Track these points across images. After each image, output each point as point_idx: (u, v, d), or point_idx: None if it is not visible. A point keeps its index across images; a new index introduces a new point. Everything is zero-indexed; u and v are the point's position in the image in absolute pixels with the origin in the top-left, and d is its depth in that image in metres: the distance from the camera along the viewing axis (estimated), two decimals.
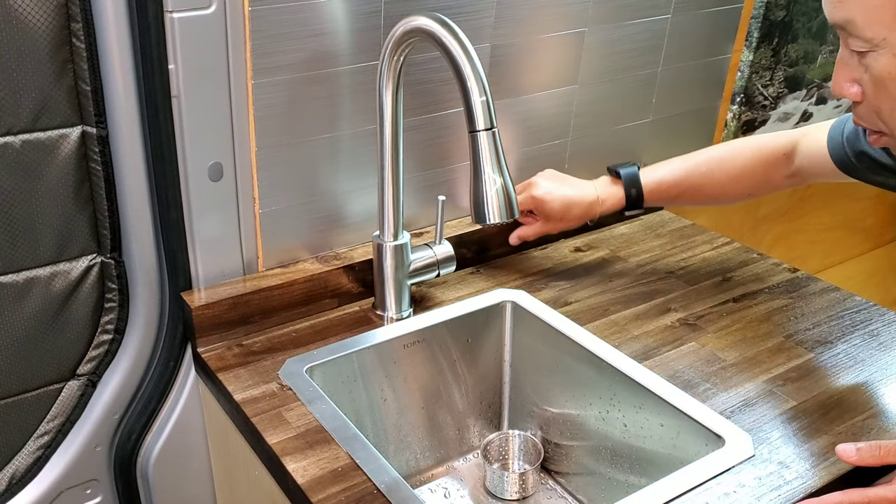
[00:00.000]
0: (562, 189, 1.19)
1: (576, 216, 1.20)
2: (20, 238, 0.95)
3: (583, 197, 1.19)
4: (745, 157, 1.17)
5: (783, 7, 1.50)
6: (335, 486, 0.85)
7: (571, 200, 1.19)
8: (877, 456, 0.85)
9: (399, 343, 1.09)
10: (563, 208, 1.19)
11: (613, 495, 1.05)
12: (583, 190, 1.20)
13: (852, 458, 0.86)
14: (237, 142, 1.02)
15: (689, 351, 1.07)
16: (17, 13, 0.86)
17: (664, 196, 1.20)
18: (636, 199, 1.19)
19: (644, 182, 1.19)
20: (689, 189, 1.19)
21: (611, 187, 1.20)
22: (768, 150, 1.16)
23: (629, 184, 1.19)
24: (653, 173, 1.20)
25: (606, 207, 1.20)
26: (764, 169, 1.16)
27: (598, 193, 1.19)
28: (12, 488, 1.03)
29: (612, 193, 1.19)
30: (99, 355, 1.05)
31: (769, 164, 1.16)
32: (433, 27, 0.89)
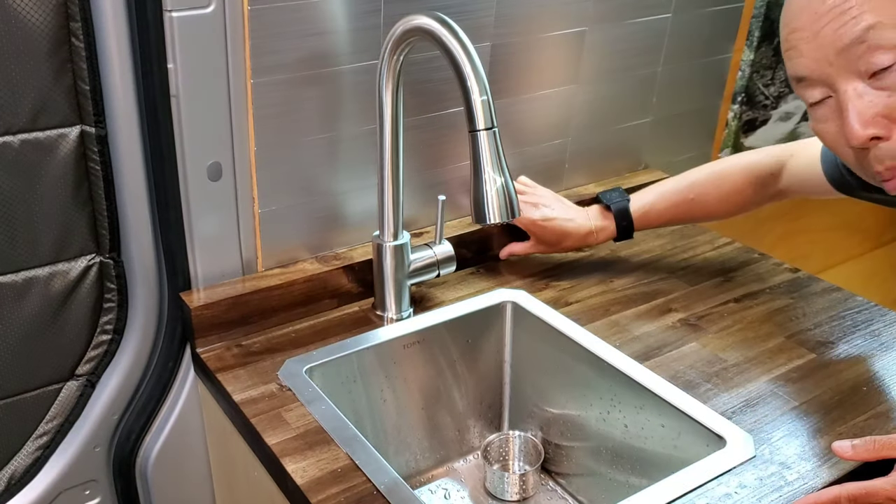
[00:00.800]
0: (559, 220, 1.21)
1: (569, 245, 1.23)
2: (19, 238, 0.95)
3: (578, 228, 1.21)
4: (734, 179, 1.19)
5: None
6: (335, 487, 0.84)
7: (567, 231, 1.21)
8: (872, 450, 0.86)
9: (399, 343, 1.08)
10: (558, 237, 1.21)
11: (614, 496, 1.05)
12: (579, 223, 1.21)
13: (848, 454, 0.87)
14: (236, 141, 1.01)
15: (690, 351, 1.07)
16: (16, 13, 0.86)
17: (653, 222, 1.22)
18: (626, 230, 1.21)
19: (634, 212, 1.21)
20: (676, 215, 1.22)
21: (603, 221, 1.21)
22: (756, 170, 1.18)
23: (620, 217, 1.21)
24: (641, 201, 1.21)
25: (600, 239, 1.22)
26: (752, 189, 1.18)
27: (593, 225, 1.21)
28: (11, 489, 1.03)
29: (605, 226, 1.21)
30: (98, 355, 1.05)
31: (757, 184, 1.18)
32: (433, 26, 0.89)
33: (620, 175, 1.43)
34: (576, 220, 1.21)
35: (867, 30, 0.73)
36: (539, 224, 1.21)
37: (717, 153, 1.58)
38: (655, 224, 1.23)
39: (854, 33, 0.74)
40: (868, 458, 0.86)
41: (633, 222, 1.21)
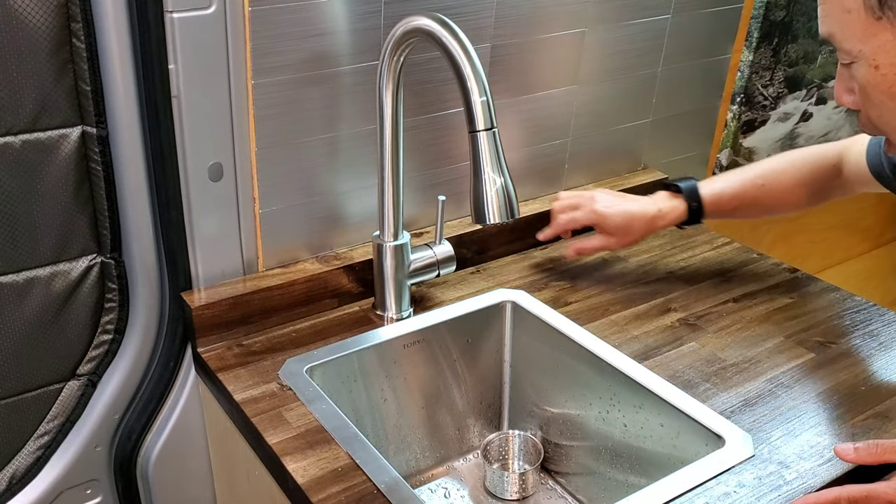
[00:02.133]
0: (623, 204, 1.18)
1: (638, 230, 1.18)
2: (20, 238, 0.95)
3: (644, 211, 1.17)
4: (798, 169, 1.18)
5: (783, 7, 1.50)
6: (335, 486, 0.85)
7: (633, 215, 1.17)
8: (874, 454, 0.86)
9: (399, 343, 1.09)
10: (625, 223, 1.17)
11: (613, 495, 1.05)
12: (643, 204, 1.18)
13: (850, 456, 0.87)
14: (237, 142, 1.02)
15: (689, 351, 1.07)
16: (17, 13, 0.86)
17: (723, 208, 1.19)
18: (696, 212, 1.18)
19: (703, 195, 1.18)
20: (745, 201, 1.19)
21: (671, 201, 1.18)
22: (819, 160, 1.17)
23: (690, 197, 1.17)
24: (710, 186, 1.19)
25: (668, 221, 1.18)
26: (816, 179, 1.17)
27: (660, 207, 1.18)
28: (12, 488, 1.03)
29: (674, 207, 1.18)
30: (99, 355, 1.05)
31: (821, 174, 1.16)
32: (433, 27, 0.89)
33: (620, 175, 1.43)
34: (640, 202, 1.18)
35: (829, 35, 0.83)
36: (601, 213, 1.17)
37: (716, 154, 1.59)
38: (727, 210, 1.19)
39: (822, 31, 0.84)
40: (871, 461, 0.86)
41: (704, 205, 1.18)
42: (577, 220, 1.20)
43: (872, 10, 0.77)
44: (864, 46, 0.79)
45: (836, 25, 0.81)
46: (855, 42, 0.80)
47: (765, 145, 1.65)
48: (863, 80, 0.82)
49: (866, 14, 0.78)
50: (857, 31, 0.79)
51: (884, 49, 0.79)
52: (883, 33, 0.78)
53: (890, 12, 0.76)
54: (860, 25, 0.79)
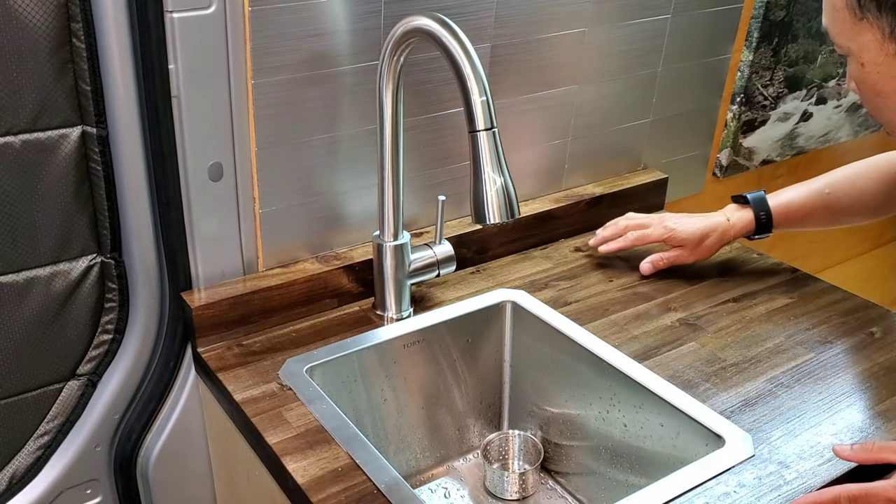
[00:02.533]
0: (692, 219, 1.22)
1: (711, 244, 1.21)
2: (20, 238, 0.95)
3: (715, 224, 1.21)
4: (865, 178, 1.17)
5: (783, 7, 1.50)
6: (335, 486, 0.85)
7: (705, 229, 1.20)
8: (870, 450, 0.87)
9: (399, 343, 1.09)
10: (698, 237, 1.20)
11: (613, 495, 1.05)
12: (713, 218, 1.22)
13: (846, 454, 0.88)
14: (237, 142, 1.02)
15: (689, 351, 1.07)
16: (17, 13, 0.86)
17: (791, 218, 1.20)
18: (765, 223, 1.20)
19: (772, 206, 1.20)
20: (814, 211, 1.20)
21: (739, 212, 1.21)
22: (886, 168, 1.16)
23: (758, 208, 1.19)
24: (779, 197, 1.21)
25: (737, 231, 1.21)
26: (885, 188, 1.16)
27: (728, 217, 1.21)
28: (12, 488, 1.03)
29: (742, 217, 1.20)
30: (99, 355, 1.05)
31: (890, 182, 1.16)
32: (433, 27, 0.89)
33: (620, 175, 1.43)
34: (709, 216, 1.22)
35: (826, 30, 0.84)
36: (671, 227, 1.21)
37: (716, 154, 1.59)
38: (796, 219, 1.20)
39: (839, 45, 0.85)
40: (867, 459, 0.87)
41: (772, 215, 1.19)
42: (648, 236, 1.23)
43: (854, 10, 0.79)
44: (851, 44, 0.81)
45: (829, 21, 0.83)
46: (844, 39, 0.82)
47: (765, 145, 1.65)
48: (854, 75, 0.84)
49: (849, 14, 0.79)
50: (845, 29, 0.81)
51: (867, 48, 0.80)
52: (865, 33, 0.79)
53: (869, 14, 0.78)
54: (846, 24, 0.80)
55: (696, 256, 1.22)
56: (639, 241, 1.23)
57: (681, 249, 1.22)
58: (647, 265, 1.23)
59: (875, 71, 0.81)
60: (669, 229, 1.21)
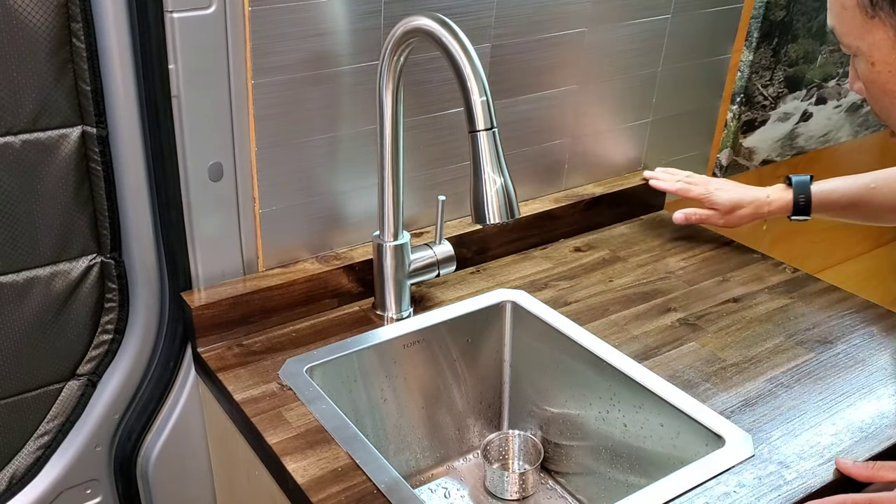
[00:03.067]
0: (736, 188, 1.27)
1: (744, 214, 1.26)
2: (20, 238, 0.95)
3: (753, 197, 1.25)
4: None
5: (783, 7, 1.50)
6: (335, 486, 0.85)
7: (742, 197, 1.26)
8: (871, 468, 0.87)
9: (399, 343, 1.09)
10: (732, 203, 1.26)
11: (613, 495, 1.05)
12: (753, 192, 1.26)
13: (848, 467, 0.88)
14: (237, 142, 1.02)
15: (689, 351, 1.07)
16: (17, 13, 0.86)
17: (831, 206, 1.23)
18: (804, 207, 1.22)
19: (814, 191, 1.22)
20: (856, 203, 1.21)
21: (781, 192, 1.25)
22: None
23: (799, 190, 1.23)
24: (822, 185, 1.23)
25: (773, 208, 1.25)
26: None
27: (768, 194, 1.25)
28: (12, 488, 1.03)
29: (781, 196, 1.24)
30: (99, 355, 1.05)
31: None
32: (433, 27, 0.89)
33: (620, 175, 1.43)
34: (751, 188, 1.26)
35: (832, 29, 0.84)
36: (712, 189, 1.27)
37: (716, 154, 1.59)
38: (836, 208, 1.22)
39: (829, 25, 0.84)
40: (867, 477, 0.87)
41: (812, 200, 1.21)
42: (690, 191, 1.30)
43: (865, 9, 0.78)
44: (860, 43, 0.80)
45: (836, 20, 0.82)
46: (853, 38, 0.81)
47: (765, 145, 1.65)
48: (862, 75, 0.83)
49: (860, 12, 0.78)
50: (854, 28, 0.80)
51: (878, 47, 0.79)
52: (877, 32, 0.78)
53: (881, 12, 0.77)
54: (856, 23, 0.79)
55: (725, 222, 1.28)
56: (681, 192, 1.31)
57: (713, 211, 1.27)
58: (681, 215, 1.30)
59: (886, 70, 0.80)
60: (707, 192, 1.27)
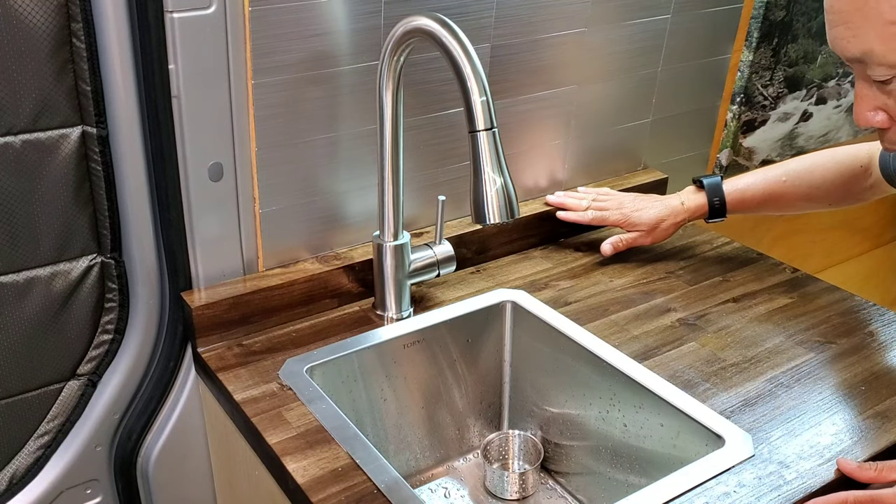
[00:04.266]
0: (649, 203, 1.25)
1: (667, 227, 1.25)
2: (20, 238, 0.95)
3: (670, 208, 1.24)
4: (824, 168, 1.19)
5: (783, 7, 1.50)
6: (335, 486, 0.85)
7: (660, 214, 1.24)
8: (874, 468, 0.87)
9: (399, 343, 1.09)
10: (653, 222, 1.24)
11: (613, 495, 1.05)
12: (668, 201, 1.25)
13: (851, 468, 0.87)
14: (237, 142, 1.02)
15: (689, 351, 1.07)
16: (17, 13, 0.86)
17: (746, 205, 1.23)
18: (719, 208, 1.22)
19: (727, 191, 1.22)
20: (769, 198, 1.22)
21: (694, 195, 1.24)
22: (846, 160, 1.18)
23: (712, 193, 1.22)
24: (735, 183, 1.23)
25: (690, 214, 1.24)
26: (843, 179, 1.18)
27: (682, 200, 1.24)
28: (12, 488, 1.03)
29: (696, 200, 1.23)
30: (99, 355, 1.05)
31: (847, 174, 1.17)
32: (433, 27, 0.89)
33: (620, 175, 1.43)
34: (664, 200, 1.25)
35: (864, 53, 0.77)
36: (628, 214, 1.25)
37: (716, 154, 1.59)
38: (751, 205, 1.23)
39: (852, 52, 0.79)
40: (870, 478, 0.86)
41: (727, 201, 1.22)
42: (606, 219, 1.27)
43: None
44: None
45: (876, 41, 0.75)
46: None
47: (765, 145, 1.65)
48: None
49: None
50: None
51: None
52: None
53: None
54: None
55: (653, 239, 1.26)
56: (596, 221, 1.28)
57: (637, 233, 1.25)
58: (608, 247, 1.26)
59: None
60: (625, 216, 1.25)
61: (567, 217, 1.29)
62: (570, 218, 1.29)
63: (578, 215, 1.28)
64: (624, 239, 1.26)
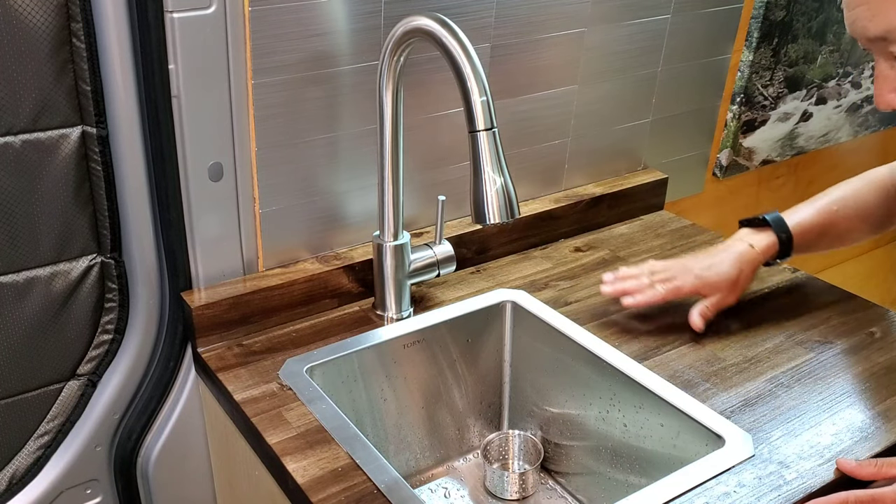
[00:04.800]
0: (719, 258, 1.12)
1: (746, 277, 1.12)
2: (20, 238, 0.95)
3: (742, 255, 1.11)
4: (868, 192, 1.14)
5: (783, 7, 1.50)
6: (335, 486, 0.85)
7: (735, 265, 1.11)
8: (874, 465, 0.87)
9: (399, 343, 1.09)
10: (733, 277, 1.10)
11: (613, 495, 1.05)
12: (736, 249, 1.12)
13: (850, 467, 0.87)
14: (237, 142, 1.02)
15: (689, 351, 1.07)
16: (17, 13, 0.86)
17: (807, 237, 1.13)
18: (787, 244, 1.12)
19: (790, 225, 1.12)
20: (826, 229, 1.14)
21: (759, 235, 1.12)
22: (880, 181, 1.13)
23: (778, 228, 1.12)
24: (790, 217, 1.13)
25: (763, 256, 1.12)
26: (886, 202, 1.13)
27: (750, 243, 1.12)
28: (12, 488, 1.03)
29: (763, 239, 1.12)
30: (99, 355, 1.05)
31: (890, 196, 1.13)
32: (433, 27, 0.89)
33: (620, 175, 1.43)
34: (730, 249, 1.12)
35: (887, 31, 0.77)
36: (701, 275, 1.11)
37: (716, 154, 1.59)
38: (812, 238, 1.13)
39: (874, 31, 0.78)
40: (870, 475, 0.86)
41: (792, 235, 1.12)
42: (681, 289, 1.11)
43: None
44: None
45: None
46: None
47: (765, 145, 1.65)
48: None
49: None
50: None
51: None
52: None
53: None
54: None
55: (736, 295, 1.12)
56: (670, 295, 1.11)
57: (720, 293, 1.11)
58: (699, 320, 1.10)
59: None
60: (700, 278, 1.10)
61: (637, 302, 1.12)
62: (640, 302, 1.11)
63: (649, 296, 1.11)
64: (709, 305, 1.11)
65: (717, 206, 1.65)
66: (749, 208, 1.73)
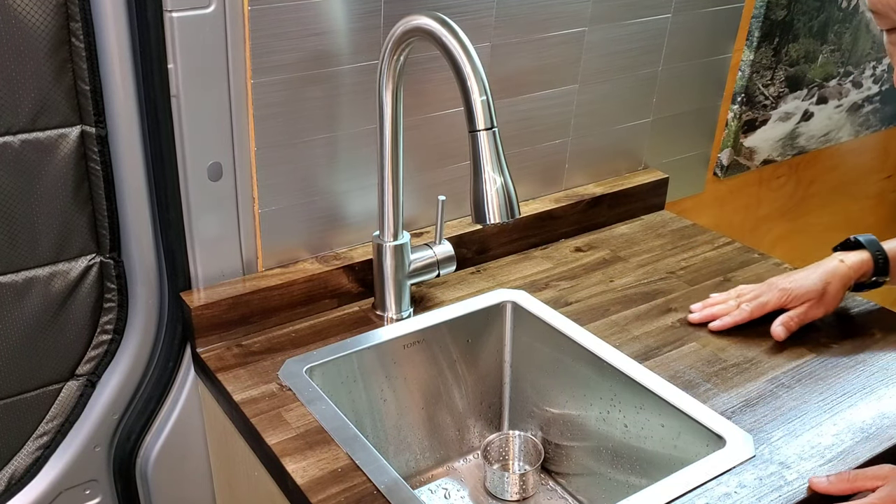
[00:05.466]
0: (806, 272, 1.11)
1: (836, 291, 1.10)
2: (19, 238, 0.95)
3: (832, 269, 1.10)
4: None
5: (784, 6, 1.50)
6: (335, 487, 0.84)
7: (823, 277, 1.10)
8: (846, 479, 0.85)
9: (399, 343, 1.08)
10: (820, 288, 1.09)
11: (614, 496, 1.05)
12: (826, 265, 1.11)
13: (823, 486, 0.85)
14: (236, 141, 1.01)
15: (689, 351, 1.07)
16: (16, 13, 0.86)
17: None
18: (883, 265, 1.10)
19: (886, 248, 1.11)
20: None
21: (852, 253, 1.12)
22: None
23: (873, 247, 1.11)
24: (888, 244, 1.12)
25: (854, 272, 1.10)
26: None
27: (841, 259, 1.11)
28: (11, 489, 1.03)
29: (855, 257, 1.11)
30: (98, 355, 1.05)
31: None
32: (433, 26, 0.89)
33: (620, 175, 1.43)
34: (820, 265, 1.12)
35: None
36: (788, 289, 1.10)
37: (717, 153, 1.59)
38: None
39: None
40: (844, 490, 0.85)
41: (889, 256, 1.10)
42: (766, 304, 1.11)
43: None
44: None
45: None
46: None
47: (766, 145, 1.65)
48: None
49: None
50: None
51: None
52: None
53: None
54: None
55: (825, 308, 1.10)
56: (757, 311, 1.10)
57: (806, 304, 1.10)
58: (780, 329, 1.09)
59: None
60: (786, 292, 1.10)
61: (724, 324, 1.11)
62: (727, 324, 1.11)
63: (735, 316, 1.11)
64: (794, 316, 1.09)
65: (718, 205, 1.65)
66: (750, 208, 1.72)
